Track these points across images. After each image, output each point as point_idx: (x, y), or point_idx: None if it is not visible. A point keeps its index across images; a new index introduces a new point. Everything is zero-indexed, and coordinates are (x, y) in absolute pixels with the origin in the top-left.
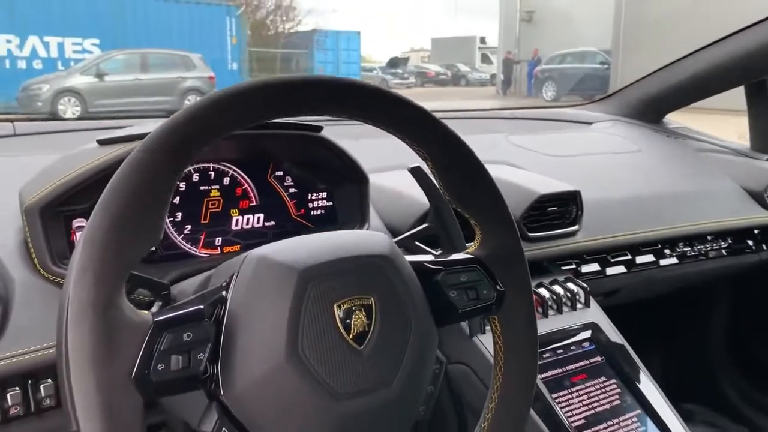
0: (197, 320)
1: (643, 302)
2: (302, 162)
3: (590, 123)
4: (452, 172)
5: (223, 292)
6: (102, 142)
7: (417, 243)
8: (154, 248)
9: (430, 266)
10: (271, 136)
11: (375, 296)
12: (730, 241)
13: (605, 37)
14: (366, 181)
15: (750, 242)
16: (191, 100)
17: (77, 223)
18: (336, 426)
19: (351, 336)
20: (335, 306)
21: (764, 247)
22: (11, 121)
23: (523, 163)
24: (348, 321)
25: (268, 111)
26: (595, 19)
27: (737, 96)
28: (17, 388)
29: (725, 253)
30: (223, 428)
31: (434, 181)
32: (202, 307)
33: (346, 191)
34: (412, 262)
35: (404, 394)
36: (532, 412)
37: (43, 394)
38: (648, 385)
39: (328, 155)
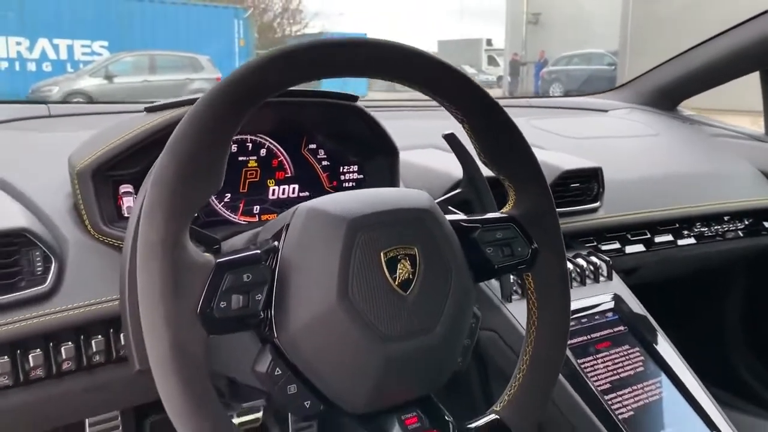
0: (255, 263)
1: (660, 284)
2: (334, 135)
3: (606, 111)
4: (488, 134)
5: (275, 243)
6: (149, 109)
7: (450, 208)
8: (196, 215)
9: (467, 224)
10: (308, 105)
11: (418, 247)
12: (746, 223)
13: (612, 39)
14: (396, 153)
15: (766, 224)
16: None
17: (124, 188)
18: (382, 367)
19: (396, 283)
20: (382, 254)
21: None
22: (45, 103)
23: (544, 144)
24: (393, 269)
25: (319, 69)
26: (602, 20)
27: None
28: (70, 342)
29: (742, 235)
30: (277, 368)
31: (466, 147)
32: (259, 251)
33: (377, 164)
34: (450, 220)
35: (445, 341)
36: (560, 375)
37: (94, 349)
38: (670, 353)
39: (360, 127)
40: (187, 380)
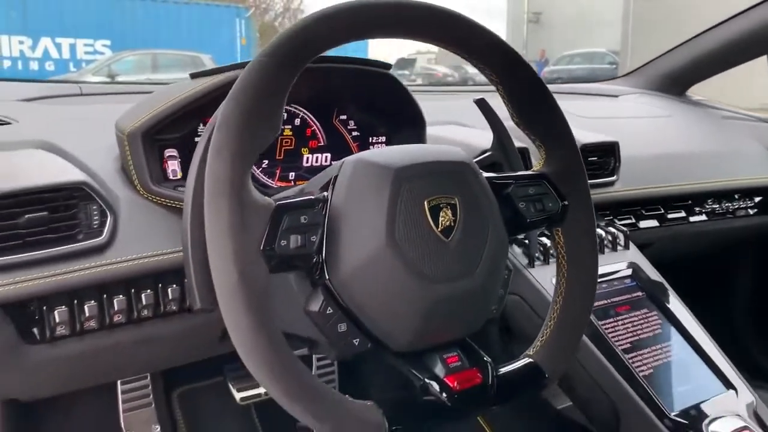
0: (311, 206)
1: (672, 263)
2: (364, 106)
3: (617, 96)
4: (521, 96)
5: (325, 192)
6: (193, 75)
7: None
8: None
9: (501, 180)
10: (341, 75)
11: (458, 197)
12: (756, 200)
13: (613, 38)
14: (424, 124)
15: None
16: None
17: (169, 152)
18: (426, 307)
19: (439, 229)
20: (425, 202)
21: None
22: (77, 83)
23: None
24: (436, 216)
25: (368, 28)
26: (603, 19)
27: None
28: (121, 295)
29: (751, 213)
30: (329, 308)
31: (496, 112)
32: (313, 196)
33: (404, 135)
34: (485, 176)
35: (483, 286)
36: (583, 335)
37: (143, 303)
38: (686, 317)
39: (389, 97)
40: (255, 309)
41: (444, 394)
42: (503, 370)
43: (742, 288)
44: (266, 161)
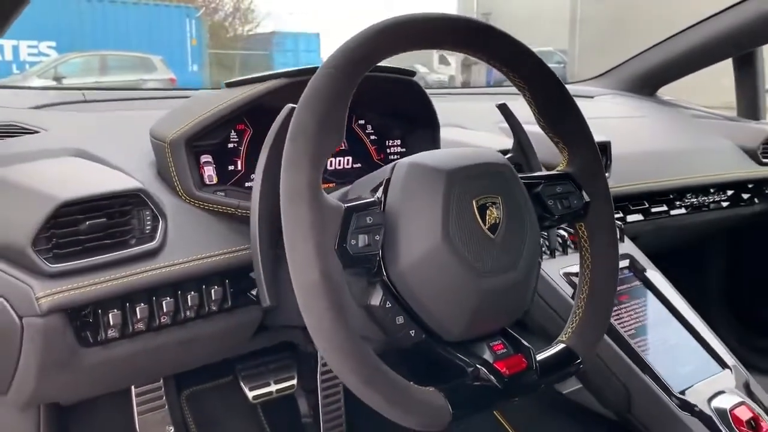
0: (374, 206)
1: (656, 254)
2: (382, 111)
3: (592, 97)
4: (546, 100)
5: (378, 194)
6: (230, 84)
7: None
8: None
9: (532, 180)
10: (369, 80)
11: (502, 196)
12: (728, 194)
13: (561, 37)
14: (438, 127)
15: (745, 195)
16: None
17: (204, 158)
18: (477, 299)
19: (486, 226)
20: (474, 201)
21: (756, 200)
22: (81, 89)
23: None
24: (483, 214)
25: (422, 41)
26: (551, 19)
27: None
28: (169, 297)
29: (724, 205)
30: (387, 302)
31: (516, 116)
32: (375, 198)
33: (418, 137)
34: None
35: (525, 278)
36: None
37: (189, 304)
38: (681, 305)
39: (408, 103)
40: (336, 304)
41: (495, 379)
42: (542, 356)
43: (716, 274)
44: None
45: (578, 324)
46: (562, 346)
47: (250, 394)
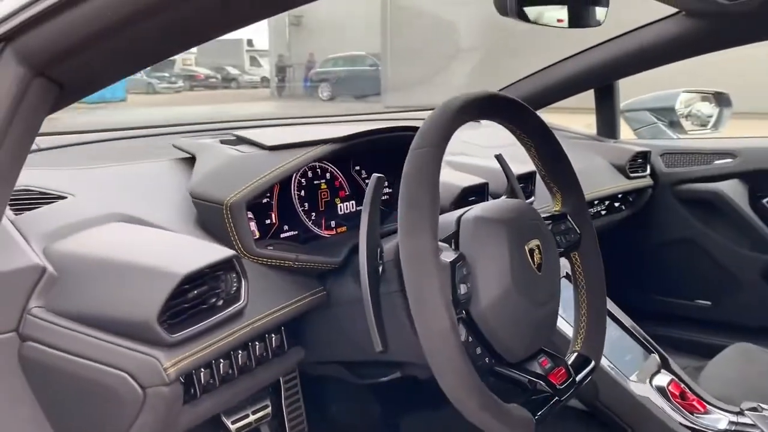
0: (464, 259)
1: None
2: (377, 157)
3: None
4: (548, 157)
5: (452, 245)
6: (272, 148)
7: None
8: (296, 232)
9: (546, 222)
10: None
11: (540, 240)
12: (606, 204)
13: (373, 41)
14: None
15: (616, 204)
16: None
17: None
18: (535, 325)
19: (535, 265)
20: (526, 246)
21: (624, 207)
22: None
23: (472, 152)
24: (531, 256)
25: (478, 115)
26: (362, 24)
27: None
28: (240, 350)
29: (603, 214)
30: (470, 337)
31: (509, 165)
32: (460, 252)
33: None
34: None
35: (557, 306)
36: None
37: (257, 353)
38: (610, 303)
39: (399, 151)
40: (461, 350)
41: (551, 389)
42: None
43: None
44: (314, 214)
45: (585, 334)
46: (576, 354)
47: (233, 427)
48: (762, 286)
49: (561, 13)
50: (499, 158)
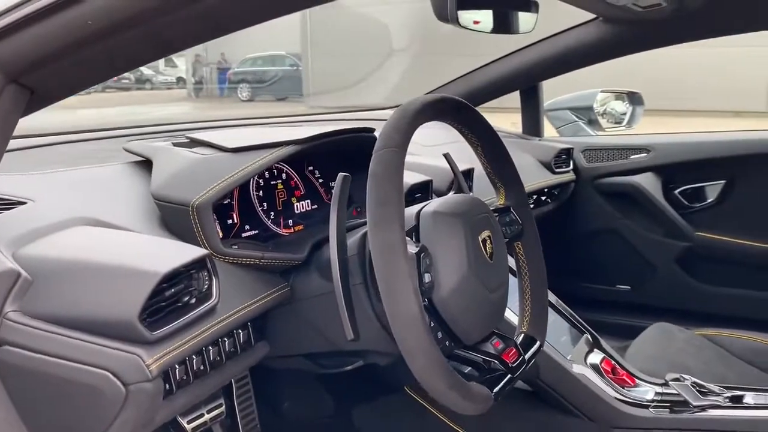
0: (426, 251)
1: None
2: (331, 157)
3: None
4: (492, 155)
5: (413, 238)
6: (235, 150)
7: None
8: (257, 231)
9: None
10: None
11: (491, 231)
12: (534, 198)
13: (293, 41)
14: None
15: (543, 198)
16: None
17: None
18: (489, 309)
19: (487, 255)
20: (479, 237)
21: (549, 201)
22: None
23: (417, 151)
24: (484, 246)
25: (433, 116)
26: (281, 24)
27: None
28: (212, 346)
29: (531, 207)
30: (432, 322)
31: (455, 163)
32: (422, 244)
33: (358, 178)
34: None
35: (507, 290)
36: None
37: (227, 349)
38: None
39: (358, 150)
40: (429, 333)
41: (505, 368)
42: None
43: None
44: (272, 213)
45: (530, 317)
46: (523, 335)
47: (188, 427)
48: (676, 270)
49: (495, 19)
50: (446, 156)
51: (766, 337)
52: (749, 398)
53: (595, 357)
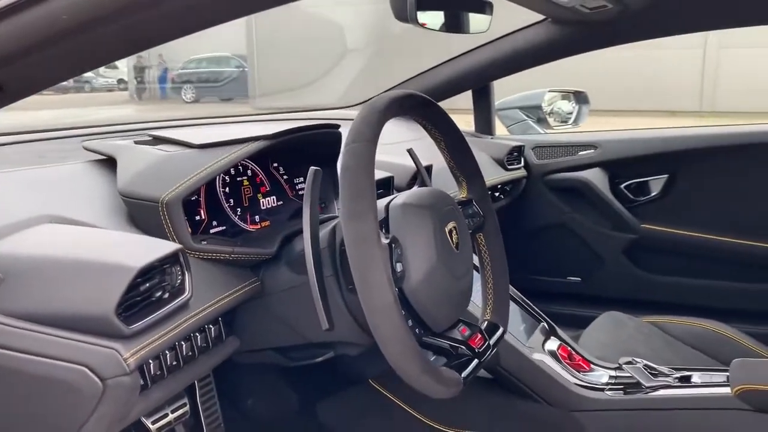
0: (397, 242)
1: None
2: (294, 153)
3: None
4: (455, 148)
5: (383, 230)
6: (202, 146)
7: None
8: (225, 227)
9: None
10: (300, 135)
11: (455, 222)
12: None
13: (238, 43)
14: (336, 162)
15: (497, 194)
16: None
17: None
18: (456, 296)
19: (453, 244)
20: (446, 228)
21: (502, 196)
22: None
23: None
24: (450, 236)
25: (402, 111)
26: (225, 26)
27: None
28: (183, 341)
29: None
30: (402, 310)
31: (419, 159)
32: (393, 235)
33: (324, 172)
34: None
35: (472, 279)
36: None
37: (199, 343)
38: None
39: (323, 145)
40: (403, 321)
41: (472, 353)
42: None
43: None
44: (239, 209)
45: (492, 305)
46: (487, 322)
47: (153, 427)
48: (624, 261)
49: (452, 20)
50: (410, 152)
51: (706, 322)
52: (696, 378)
53: (552, 344)
